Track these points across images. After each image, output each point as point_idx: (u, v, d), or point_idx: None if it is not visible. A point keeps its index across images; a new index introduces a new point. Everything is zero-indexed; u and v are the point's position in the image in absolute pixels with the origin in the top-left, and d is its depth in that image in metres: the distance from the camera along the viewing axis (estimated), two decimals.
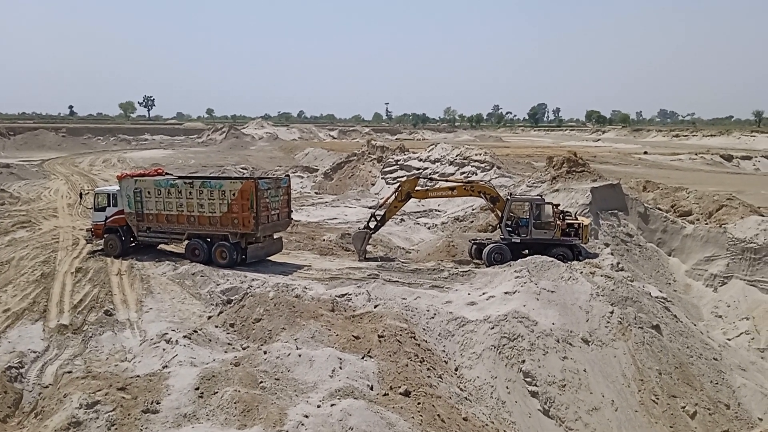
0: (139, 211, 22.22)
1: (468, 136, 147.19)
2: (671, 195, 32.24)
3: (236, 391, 9.72)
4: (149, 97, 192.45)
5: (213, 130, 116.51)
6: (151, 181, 22.15)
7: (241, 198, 20.69)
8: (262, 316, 14.46)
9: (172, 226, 21.94)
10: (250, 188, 20.68)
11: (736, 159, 71.42)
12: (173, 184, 21.80)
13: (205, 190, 21.21)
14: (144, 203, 22.12)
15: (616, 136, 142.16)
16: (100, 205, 23.42)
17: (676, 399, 14.15)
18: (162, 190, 21.83)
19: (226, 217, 21.00)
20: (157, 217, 22.04)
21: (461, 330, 14.72)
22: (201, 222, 21.43)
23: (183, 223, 21.70)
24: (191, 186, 21.48)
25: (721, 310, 22.69)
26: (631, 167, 61.63)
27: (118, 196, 22.91)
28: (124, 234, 22.68)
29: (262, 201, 20.94)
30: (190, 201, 21.41)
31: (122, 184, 22.58)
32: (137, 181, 22.32)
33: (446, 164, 43.65)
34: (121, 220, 22.71)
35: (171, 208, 21.75)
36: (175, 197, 21.63)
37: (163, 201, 21.84)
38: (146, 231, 22.48)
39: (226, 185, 21.16)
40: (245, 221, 20.79)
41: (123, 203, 22.59)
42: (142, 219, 22.30)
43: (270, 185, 21.84)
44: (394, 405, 10.28)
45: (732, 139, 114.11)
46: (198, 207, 21.32)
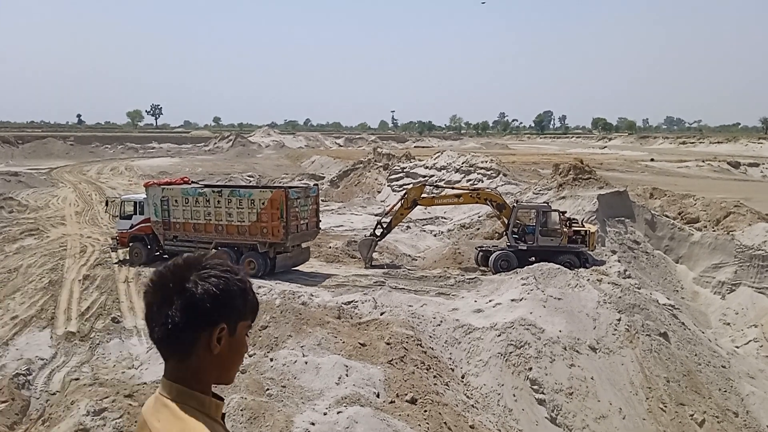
0: (166, 219, 21.93)
1: (474, 143, 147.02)
2: (678, 202, 32.15)
3: (242, 398, 9.73)
4: (157, 106, 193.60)
5: (220, 138, 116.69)
6: (179, 190, 21.97)
7: (271, 207, 20.40)
8: (269, 323, 14.47)
9: (199, 235, 21.64)
10: (280, 197, 20.39)
11: (744, 166, 71.08)
12: (201, 192, 21.59)
13: (234, 199, 20.91)
14: (171, 212, 21.82)
15: (623, 144, 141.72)
16: (125, 213, 23.20)
17: (684, 407, 14.05)
18: (189, 198, 21.54)
19: (255, 227, 20.70)
20: (184, 226, 21.75)
21: (468, 337, 14.69)
22: (229, 231, 21.13)
23: (210, 232, 21.40)
24: (219, 195, 21.23)
25: (729, 318, 22.54)
26: (637, 174, 61.46)
27: (144, 204, 22.67)
28: (149, 242, 22.47)
29: (291, 210, 20.65)
30: (218, 210, 21.09)
31: (149, 192, 22.36)
32: (164, 189, 22.11)
33: (452, 172, 43.65)
34: (147, 228, 22.47)
35: (198, 217, 21.46)
36: (203, 206, 21.33)
37: (191, 210, 21.53)
38: (173, 240, 22.17)
39: (256, 194, 20.95)
40: (274, 231, 20.48)
41: (149, 211, 22.36)
42: (168, 227, 22.01)
43: (299, 194, 21.57)
44: (400, 413, 10.26)
45: (739, 146, 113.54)
46: (226, 216, 21.01)
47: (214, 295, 1.78)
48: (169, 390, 1.82)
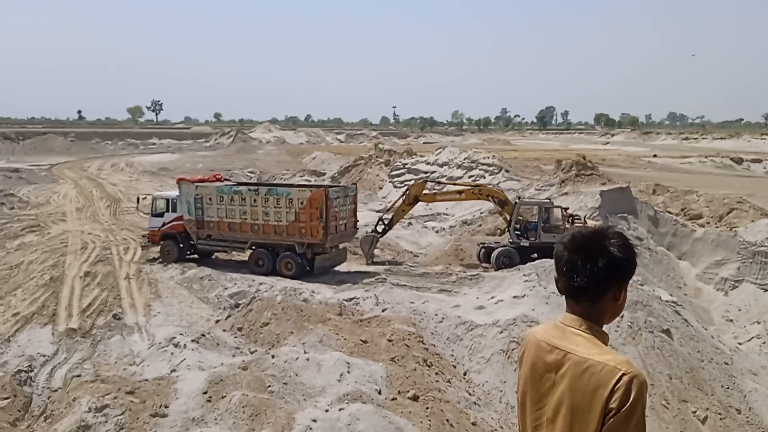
0: (200, 218, 21.47)
1: (476, 139, 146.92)
2: (681, 198, 32.10)
3: (244, 395, 9.71)
4: (157, 102, 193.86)
5: (220, 134, 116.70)
6: (213, 188, 21.51)
7: (310, 207, 19.90)
8: (270, 320, 14.45)
9: (234, 234, 21.19)
10: (320, 197, 19.87)
11: (747, 162, 70.97)
12: (237, 191, 21.11)
13: (271, 198, 20.39)
14: (205, 210, 21.39)
15: (625, 139, 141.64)
16: (157, 211, 22.77)
17: (687, 404, 14.01)
18: (224, 196, 21.06)
19: (293, 227, 20.19)
20: (219, 225, 21.25)
21: (470, 334, 14.65)
22: (265, 231, 20.60)
23: (246, 231, 20.90)
24: (256, 193, 20.67)
25: (732, 314, 22.50)
26: (640, 170, 61.37)
27: (177, 202, 22.21)
28: (182, 241, 22.04)
29: (331, 210, 20.12)
30: (254, 209, 20.57)
31: (182, 190, 21.93)
32: (198, 186, 21.63)
33: (454, 168, 43.55)
34: (179, 226, 22.03)
35: (234, 216, 20.95)
36: (239, 204, 20.82)
37: (226, 208, 21.03)
38: (206, 239, 21.75)
39: (294, 193, 20.45)
40: (313, 231, 19.98)
41: (182, 209, 21.91)
42: (202, 226, 21.54)
43: (339, 194, 21.01)
44: (402, 410, 10.23)
45: (742, 141, 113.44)
46: (263, 215, 20.50)
47: (628, 259, 2.39)
48: (579, 324, 2.42)
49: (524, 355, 2.56)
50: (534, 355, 2.49)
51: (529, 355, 2.51)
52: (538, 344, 2.49)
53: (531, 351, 2.51)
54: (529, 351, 2.53)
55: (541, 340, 2.48)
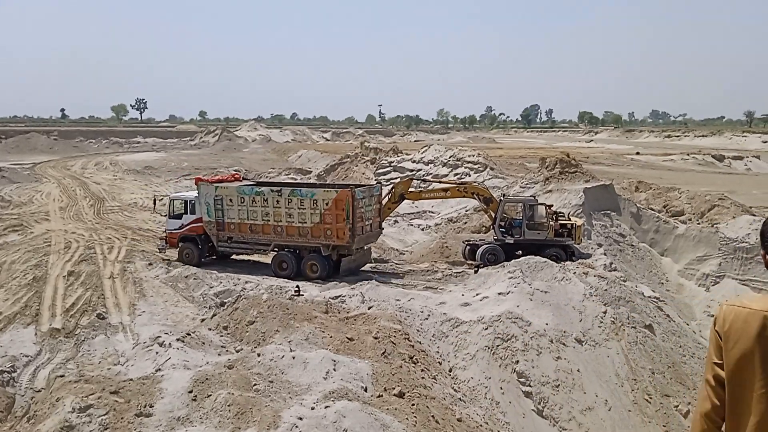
0: (220, 219, 21.07)
1: (461, 137, 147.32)
2: (663, 195, 32.45)
3: (230, 394, 9.68)
4: (141, 100, 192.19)
5: (206, 133, 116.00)
6: (234, 188, 21.08)
7: (336, 208, 19.53)
8: (256, 319, 14.42)
9: (256, 236, 20.77)
10: (346, 197, 19.48)
11: (728, 159, 71.86)
12: (259, 191, 20.65)
13: (295, 199, 20.00)
14: (225, 211, 20.97)
15: (609, 137, 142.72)
16: (175, 212, 22.35)
17: (669, 398, 14.19)
18: (246, 197, 20.63)
19: (318, 228, 19.83)
20: (240, 227, 20.86)
21: (455, 331, 14.73)
22: (289, 233, 20.24)
23: (269, 233, 20.52)
24: (279, 194, 20.26)
25: (714, 310, 22.74)
26: (623, 168, 61.89)
27: (196, 203, 21.75)
28: (201, 243, 21.64)
29: (357, 211, 19.73)
30: (277, 210, 20.21)
31: (201, 191, 21.46)
32: (218, 187, 21.16)
33: (439, 165, 43.71)
34: (198, 228, 21.64)
35: (256, 218, 20.55)
36: (261, 206, 20.42)
37: (247, 209, 20.62)
38: (227, 241, 21.36)
39: (319, 194, 19.99)
40: (340, 233, 19.62)
41: (201, 211, 21.47)
42: (222, 228, 21.16)
43: (364, 194, 20.59)
44: (388, 406, 10.26)
45: (723, 139, 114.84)
46: (286, 217, 20.11)
47: None
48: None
49: (734, 328, 2.50)
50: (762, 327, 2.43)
51: (750, 327, 2.44)
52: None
53: (755, 324, 2.44)
54: (748, 323, 2.46)
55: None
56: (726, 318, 2.55)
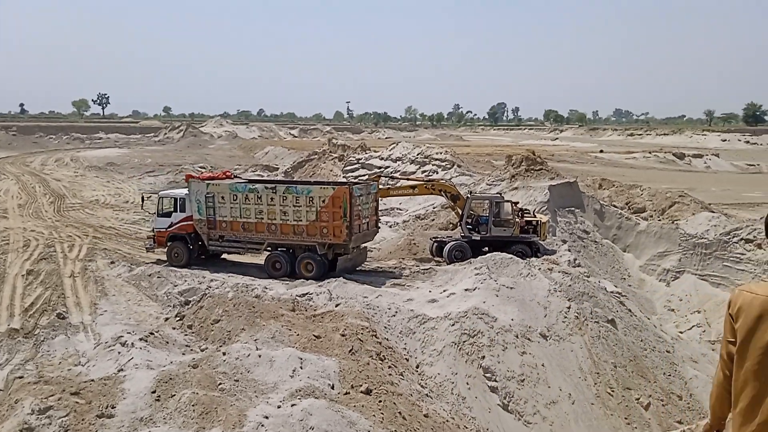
0: (211, 217, 20.44)
1: (429, 134, 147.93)
2: (626, 192, 33.10)
3: (194, 394, 9.56)
4: (104, 95, 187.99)
5: (170, 129, 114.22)
6: (226, 185, 20.46)
7: (332, 205, 19.05)
8: (221, 317, 14.27)
9: (249, 234, 20.21)
10: (344, 195, 19.01)
11: (688, 157, 73.68)
12: (252, 189, 20.08)
13: (290, 196, 19.45)
14: (217, 209, 20.36)
15: (573, 135, 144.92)
16: (164, 210, 21.66)
17: (631, 391, 14.50)
18: (239, 195, 20.04)
19: (314, 226, 19.33)
20: (232, 225, 20.29)
21: (422, 327, 14.79)
22: (284, 231, 19.71)
23: (262, 231, 19.97)
24: (273, 191, 19.71)
25: (674, 304, 23.37)
26: (587, 165, 62.98)
27: (186, 201, 21.10)
28: (191, 242, 20.99)
29: (354, 209, 19.28)
30: (271, 208, 19.65)
31: (191, 188, 20.83)
32: (209, 185, 20.55)
33: (407, 163, 43.80)
34: (188, 226, 20.97)
35: (248, 215, 19.99)
36: (254, 203, 19.87)
37: (240, 207, 20.05)
38: (218, 240, 20.77)
39: (315, 191, 19.46)
40: (336, 231, 19.16)
41: (192, 208, 20.83)
42: (213, 226, 20.54)
43: (362, 191, 20.06)
44: (355, 404, 10.26)
45: (684, 137, 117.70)
46: (281, 214, 19.59)
47: None
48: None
49: (742, 309, 2.87)
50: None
51: (753, 309, 2.82)
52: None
53: (759, 307, 2.81)
54: (752, 306, 2.84)
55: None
56: (736, 301, 2.94)
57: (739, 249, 23.32)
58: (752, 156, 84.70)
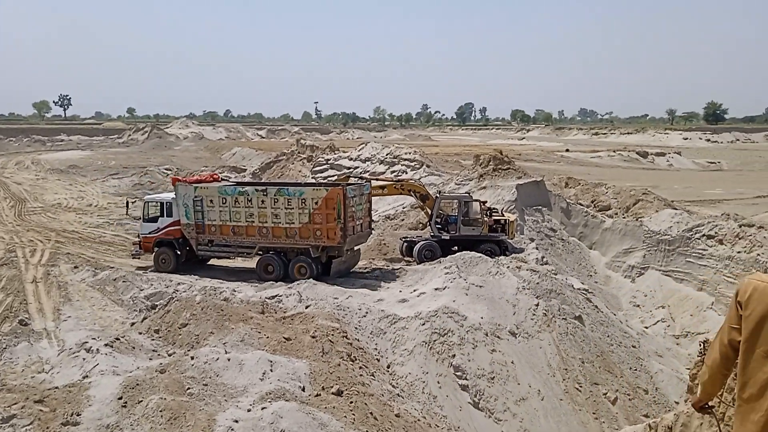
0: (200, 221, 20.03)
1: (398, 135, 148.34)
2: (591, 191, 33.62)
3: (162, 399, 9.41)
4: (65, 96, 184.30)
5: (134, 130, 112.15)
6: (215, 189, 20.00)
7: (326, 207, 18.75)
8: (189, 321, 14.07)
9: (239, 238, 19.84)
10: (338, 196, 18.71)
11: (651, 155, 75.32)
12: (242, 191, 19.64)
13: (282, 198, 19.10)
14: (205, 213, 19.93)
15: (540, 135, 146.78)
16: (150, 215, 21.08)
17: (598, 386, 14.75)
18: (228, 198, 19.64)
19: (307, 229, 19.03)
20: (221, 229, 19.90)
21: (393, 327, 14.81)
22: (275, 234, 19.37)
23: (253, 235, 19.61)
24: (264, 194, 19.32)
25: (639, 300, 23.83)
26: (554, 164, 63.85)
27: (173, 205, 20.58)
28: (179, 247, 20.51)
29: (348, 210, 18.97)
30: (262, 210, 19.29)
31: (178, 192, 20.32)
32: (197, 188, 20.06)
33: (376, 163, 43.81)
34: (176, 231, 20.54)
35: (239, 219, 19.61)
36: (244, 206, 19.47)
37: (229, 210, 19.64)
38: (207, 244, 20.34)
39: (308, 193, 19.13)
40: (330, 233, 18.85)
41: (179, 213, 20.37)
42: (202, 231, 20.12)
43: (355, 192, 19.76)
44: (326, 405, 10.22)
45: (647, 136, 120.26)
46: (272, 217, 19.24)
47: None
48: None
49: (753, 298, 3.00)
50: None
51: (766, 297, 2.96)
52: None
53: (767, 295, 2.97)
54: (764, 294, 2.97)
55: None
56: (746, 289, 3.07)
57: (701, 245, 23.87)
58: (713, 154, 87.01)
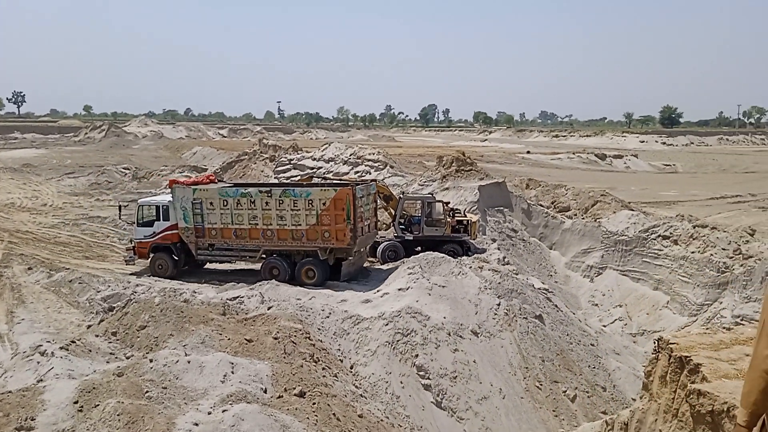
0: (199, 225, 19.35)
1: (361, 135, 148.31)
2: (551, 192, 34.22)
3: (119, 403, 9.20)
4: (19, 93, 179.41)
5: (91, 128, 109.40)
6: (215, 190, 19.35)
7: (335, 208, 18.25)
8: (148, 323, 13.80)
9: (242, 242, 19.21)
10: (347, 196, 18.20)
11: (609, 158, 76.98)
12: (245, 193, 19.02)
13: (287, 200, 18.53)
14: (205, 216, 19.25)
15: (502, 137, 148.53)
16: (145, 219, 20.32)
17: (558, 384, 15.00)
18: (229, 200, 18.99)
19: (314, 231, 18.49)
20: (223, 232, 19.24)
21: (356, 328, 14.80)
22: (281, 237, 18.78)
23: (257, 238, 18.99)
24: (269, 195, 18.72)
25: (597, 299, 24.34)
26: (515, 166, 64.71)
27: (170, 208, 19.83)
28: (177, 252, 19.84)
29: (357, 211, 18.50)
30: (266, 213, 18.69)
31: (176, 194, 19.57)
32: (196, 190, 19.37)
33: (340, 163, 43.71)
34: (173, 236, 19.82)
35: (241, 222, 18.98)
36: (247, 208, 18.81)
37: (231, 213, 19.00)
38: (208, 248, 19.66)
39: (315, 193, 18.60)
40: (339, 234, 18.36)
41: (177, 216, 19.64)
42: (202, 234, 19.43)
43: (363, 192, 19.26)
44: (288, 407, 10.15)
45: (605, 139, 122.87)
46: (277, 219, 18.65)
47: None
48: None
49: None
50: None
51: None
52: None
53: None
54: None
55: None
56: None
57: (657, 245, 24.49)
58: (668, 156, 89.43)
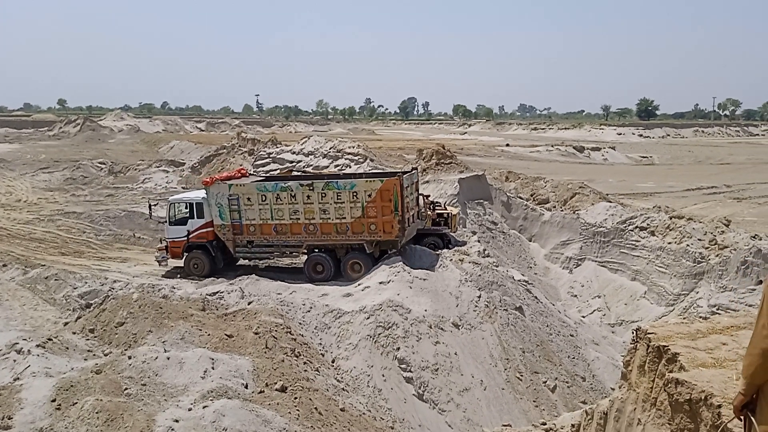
0: (237, 221, 18.79)
1: (341, 128, 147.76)
2: (531, 184, 34.45)
3: (98, 400, 9.08)
4: None
5: (66, 122, 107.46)
6: (253, 185, 18.84)
7: (381, 199, 17.68)
8: (126, 320, 13.63)
9: (283, 238, 18.65)
10: (394, 187, 17.64)
11: (587, 150, 77.72)
12: (284, 187, 18.41)
13: (330, 192, 17.98)
14: (243, 212, 18.68)
15: (481, 129, 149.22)
16: (177, 218, 19.72)
17: (538, 375, 15.13)
18: (268, 195, 18.40)
19: (360, 223, 17.99)
20: (262, 228, 18.69)
21: (337, 322, 14.78)
22: (324, 231, 18.28)
23: (299, 233, 18.45)
24: (311, 188, 18.14)
25: (576, 290, 24.58)
26: (494, 159, 65.07)
27: (204, 206, 19.30)
28: (214, 250, 19.29)
29: (404, 201, 17.94)
30: (308, 206, 18.15)
31: (211, 191, 19.01)
32: (232, 186, 18.85)
33: (320, 157, 43.52)
34: (209, 233, 19.29)
35: (282, 217, 18.41)
36: (288, 203, 18.26)
37: (270, 208, 18.43)
38: (247, 245, 19.14)
39: (360, 185, 18.03)
40: (387, 226, 17.83)
41: (212, 213, 19.11)
42: (240, 231, 18.88)
43: (408, 181, 18.65)
44: (270, 402, 10.11)
45: (583, 131, 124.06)
46: (320, 213, 18.13)
47: None
48: None
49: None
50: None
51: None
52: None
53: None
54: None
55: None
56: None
57: (635, 236, 24.78)
58: (645, 149, 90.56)
